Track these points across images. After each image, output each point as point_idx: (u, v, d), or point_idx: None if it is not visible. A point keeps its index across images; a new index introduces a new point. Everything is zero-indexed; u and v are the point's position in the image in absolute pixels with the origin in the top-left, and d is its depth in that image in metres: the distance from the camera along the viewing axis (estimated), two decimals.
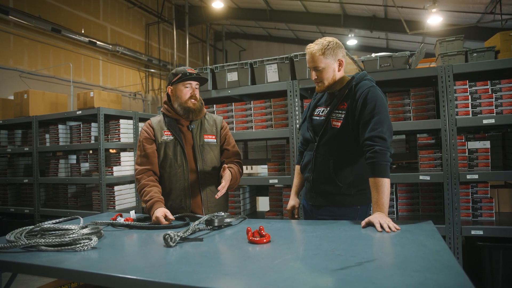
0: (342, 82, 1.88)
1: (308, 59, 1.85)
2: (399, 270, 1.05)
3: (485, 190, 2.67)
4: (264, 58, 3.14)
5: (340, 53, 1.84)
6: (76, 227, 1.56)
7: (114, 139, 4.18)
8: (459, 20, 9.14)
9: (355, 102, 1.76)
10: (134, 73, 11.36)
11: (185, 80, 2.06)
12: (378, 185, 1.65)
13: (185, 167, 2.06)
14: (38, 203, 4.44)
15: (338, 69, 1.84)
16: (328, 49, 1.79)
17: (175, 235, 1.43)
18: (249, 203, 3.50)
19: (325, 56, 1.80)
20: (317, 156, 1.88)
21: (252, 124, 3.18)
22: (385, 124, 1.71)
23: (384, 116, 1.72)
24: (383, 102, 1.76)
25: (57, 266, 1.25)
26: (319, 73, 1.83)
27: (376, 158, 1.66)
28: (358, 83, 1.81)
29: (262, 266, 1.16)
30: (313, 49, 1.81)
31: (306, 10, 10.71)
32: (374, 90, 1.77)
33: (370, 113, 1.71)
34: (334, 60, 1.82)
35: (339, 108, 1.83)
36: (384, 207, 1.64)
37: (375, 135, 1.68)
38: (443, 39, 3.29)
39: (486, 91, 2.61)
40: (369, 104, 1.72)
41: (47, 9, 8.34)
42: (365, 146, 1.71)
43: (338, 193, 1.84)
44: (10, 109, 4.94)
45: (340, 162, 1.82)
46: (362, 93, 1.76)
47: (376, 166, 1.66)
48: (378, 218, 1.58)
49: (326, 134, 1.85)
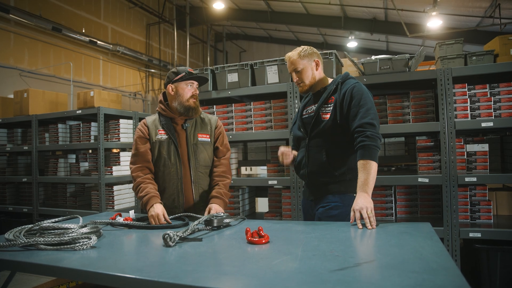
0: (324, 82, 2.05)
1: (288, 65, 2.04)
2: (397, 271, 1.05)
3: (483, 193, 2.68)
4: (265, 60, 3.15)
5: (315, 55, 2.02)
6: (75, 226, 1.57)
7: (113, 139, 4.18)
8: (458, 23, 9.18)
9: (343, 96, 1.90)
10: (134, 73, 11.36)
11: (188, 79, 2.09)
12: (367, 167, 1.74)
13: (178, 166, 2.08)
14: (37, 202, 4.44)
15: (316, 68, 2.01)
16: (303, 52, 1.99)
17: (175, 235, 1.44)
18: (248, 204, 3.50)
19: (301, 58, 1.99)
20: (310, 149, 1.99)
21: (252, 125, 3.19)
22: (373, 113, 1.84)
23: (371, 106, 1.85)
24: (369, 94, 1.90)
25: (56, 265, 1.25)
26: (299, 74, 2.00)
27: (368, 141, 1.76)
28: (344, 81, 1.97)
29: (261, 266, 1.16)
30: (291, 55, 2.02)
31: (306, 12, 10.74)
32: (359, 85, 1.92)
33: (358, 104, 1.84)
34: (310, 61, 2.00)
35: (327, 103, 1.97)
36: (369, 187, 1.72)
37: (366, 122, 1.80)
38: (442, 42, 3.30)
39: (485, 95, 2.62)
40: (356, 96, 1.86)
41: (48, 8, 8.35)
42: (356, 133, 1.81)
43: (334, 181, 1.93)
44: (10, 107, 4.93)
45: (333, 152, 1.92)
46: (349, 88, 1.90)
47: (366, 149, 1.75)
48: (359, 204, 1.66)
49: (317, 127, 1.96)
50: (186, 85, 2.09)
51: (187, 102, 2.08)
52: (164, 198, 2.07)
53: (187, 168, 2.10)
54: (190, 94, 2.09)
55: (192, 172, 2.09)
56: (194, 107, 2.10)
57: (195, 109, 2.11)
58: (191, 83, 2.10)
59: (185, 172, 2.09)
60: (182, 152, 2.10)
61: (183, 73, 2.10)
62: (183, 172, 2.09)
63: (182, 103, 2.09)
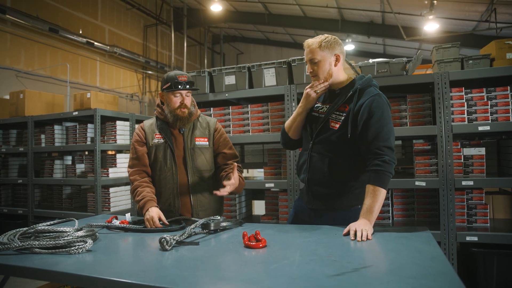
0: (342, 82, 1.84)
1: (306, 52, 1.83)
2: (395, 277, 1.05)
3: (480, 197, 2.68)
4: (262, 62, 3.14)
5: (338, 48, 1.79)
6: (70, 229, 1.55)
7: (110, 141, 4.16)
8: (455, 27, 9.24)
9: (358, 108, 1.72)
10: (131, 75, 11.34)
11: (174, 90, 2.03)
12: (376, 194, 1.63)
13: (174, 171, 2.06)
14: (32, 204, 4.40)
15: (334, 64, 1.79)
16: (325, 42, 1.77)
17: (171, 239, 1.42)
18: (245, 206, 3.49)
19: (321, 49, 1.76)
20: (312, 155, 1.85)
21: (249, 128, 3.18)
22: (393, 136, 1.71)
23: (390, 127, 1.71)
24: (389, 112, 1.74)
25: (51, 269, 1.24)
26: (315, 66, 1.80)
27: (384, 167, 1.64)
28: (364, 89, 1.77)
29: (258, 271, 1.16)
30: (311, 42, 1.80)
31: (304, 15, 10.77)
32: (380, 98, 1.74)
33: (377, 122, 1.68)
34: (330, 54, 1.77)
35: (339, 109, 1.79)
36: (373, 216, 1.62)
37: (385, 145, 1.67)
38: (439, 46, 3.31)
39: (481, 98, 2.63)
40: (376, 113, 1.69)
41: (45, 9, 8.32)
42: (373, 154, 1.68)
43: (335, 193, 1.81)
44: (5, 108, 4.90)
45: (335, 162, 1.79)
46: (368, 100, 1.72)
47: (380, 175, 1.64)
48: (359, 226, 1.56)
49: (323, 133, 1.82)
50: (173, 95, 2.04)
51: (175, 112, 2.05)
52: (160, 203, 2.05)
53: (184, 173, 2.08)
54: (177, 104, 2.04)
55: (189, 176, 2.07)
56: (183, 117, 2.05)
57: (183, 119, 2.06)
58: (179, 93, 2.04)
59: (182, 176, 2.07)
60: (178, 156, 2.08)
61: (169, 83, 2.04)
62: (180, 177, 2.07)
63: (171, 112, 2.06)
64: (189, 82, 2.06)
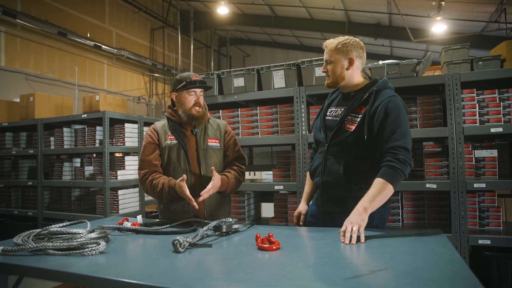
0: (357, 85, 1.84)
1: (325, 51, 1.85)
2: (412, 279, 1.03)
3: (492, 199, 2.65)
4: (271, 64, 3.14)
5: (355, 52, 1.79)
6: (83, 231, 1.56)
7: (119, 143, 4.18)
8: (463, 28, 9.16)
9: (375, 110, 1.71)
10: (138, 77, 11.41)
11: (189, 88, 2.06)
12: (383, 186, 1.60)
13: (188, 171, 2.06)
14: (42, 206, 4.44)
15: (347, 67, 1.79)
16: (341, 45, 1.78)
17: (184, 241, 1.42)
18: (254, 209, 3.48)
19: (336, 51, 1.78)
20: (328, 157, 1.84)
21: (258, 130, 3.18)
22: (409, 136, 1.69)
23: (406, 128, 1.70)
24: (405, 113, 1.73)
25: (65, 271, 1.24)
26: (328, 65, 1.82)
27: (397, 165, 1.62)
28: (380, 91, 1.76)
29: (273, 273, 1.15)
30: (329, 43, 1.82)
31: (310, 17, 10.77)
32: (396, 100, 1.72)
33: (393, 122, 1.67)
34: (344, 57, 1.78)
35: (355, 111, 1.78)
36: (372, 206, 1.58)
37: (400, 145, 1.65)
38: (448, 47, 3.28)
39: (493, 100, 2.60)
40: (392, 113, 1.68)
41: (54, 13, 8.41)
42: (388, 153, 1.66)
43: (350, 196, 1.77)
44: (15, 111, 4.95)
45: (351, 164, 1.77)
46: (384, 102, 1.71)
47: (392, 171, 1.62)
48: (353, 220, 1.52)
49: (338, 135, 1.80)
50: (188, 94, 2.08)
51: (190, 111, 2.07)
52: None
53: (198, 174, 2.08)
54: (192, 102, 2.08)
55: (203, 177, 2.08)
56: (198, 117, 2.08)
57: (199, 118, 2.09)
58: (193, 91, 2.08)
59: (195, 177, 2.08)
60: (192, 157, 2.09)
61: (184, 82, 2.08)
62: (193, 177, 2.07)
63: (185, 112, 2.08)
64: (202, 81, 2.12)
